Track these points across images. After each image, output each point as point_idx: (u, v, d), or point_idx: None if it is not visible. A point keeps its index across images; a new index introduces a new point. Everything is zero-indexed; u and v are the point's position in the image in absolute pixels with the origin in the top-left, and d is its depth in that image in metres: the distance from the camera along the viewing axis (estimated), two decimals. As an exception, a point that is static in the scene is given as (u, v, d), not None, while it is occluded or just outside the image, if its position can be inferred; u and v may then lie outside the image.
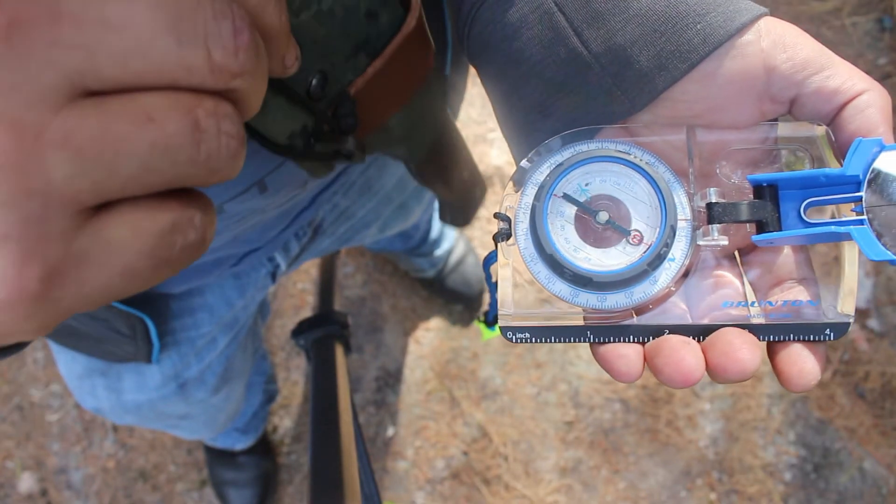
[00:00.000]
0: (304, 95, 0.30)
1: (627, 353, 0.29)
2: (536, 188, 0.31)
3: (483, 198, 0.51)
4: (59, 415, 1.42)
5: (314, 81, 0.31)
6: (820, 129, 0.29)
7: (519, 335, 0.31)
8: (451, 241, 1.38)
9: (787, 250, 0.30)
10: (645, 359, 0.29)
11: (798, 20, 1.55)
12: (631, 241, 0.30)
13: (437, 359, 1.42)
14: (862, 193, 0.27)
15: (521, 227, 0.31)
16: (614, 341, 0.29)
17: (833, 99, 0.28)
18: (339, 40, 0.31)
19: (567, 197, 0.31)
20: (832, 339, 0.28)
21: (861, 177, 0.27)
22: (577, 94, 0.31)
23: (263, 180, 0.43)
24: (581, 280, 0.29)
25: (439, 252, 1.36)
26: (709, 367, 0.28)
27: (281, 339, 1.45)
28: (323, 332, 0.83)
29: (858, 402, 1.36)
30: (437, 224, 1.30)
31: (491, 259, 0.33)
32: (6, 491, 1.37)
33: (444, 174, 0.44)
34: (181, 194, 0.20)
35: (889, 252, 0.26)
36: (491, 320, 0.52)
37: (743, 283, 0.31)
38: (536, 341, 0.31)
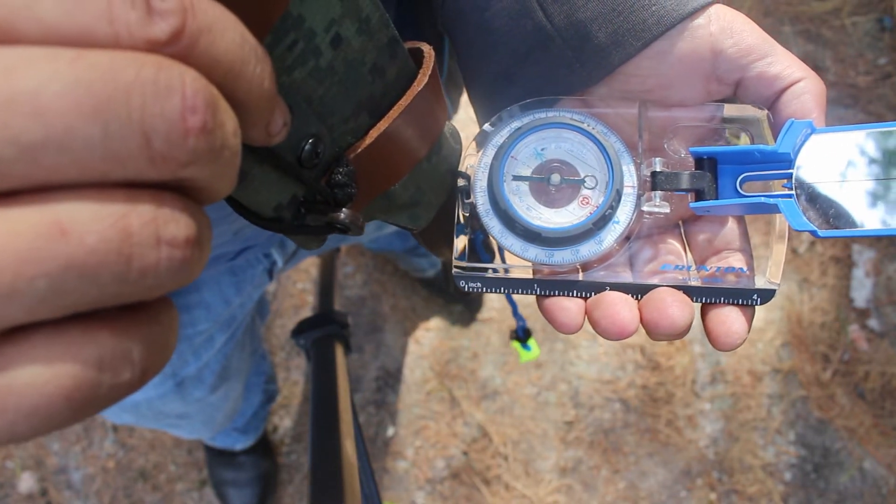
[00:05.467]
0: (294, 163, 0.27)
1: (569, 307, 0.31)
2: (496, 149, 0.33)
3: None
4: (58, 415, 1.42)
5: (307, 147, 0.27)
6: (761, 113, 0.32)
7: (471, 284, 0.33)
8: (451, 242, 1.38)
9: (727, 224, 0.33)
10: (586, 313, 0.31)
11: (798, 20, 1.55)
12: (581, 203, 0.33)
13: (437, 359, 1.42)
14: (792, 171, 0.30)
15: (480, 185, 0.33)
16: (559, 295, 0.32)
17: (773, 84, 0.31)
18: (339, 100, 0.28)
19: (517, 177, 0.33)
20: (759, 303, 0.31)
21: (792, 155, 0.30)
22: (539, 65, 0.33)
23: None
24: (531, 235, 0.32)
25: (439, 252, 1.35)
26: (643, 323, 0.30)
27: (281, 339, 1.45)
28: (323, 332, 0.82)
29: (858, 402, 1.36)
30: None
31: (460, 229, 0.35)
32: (6, 491, 1.37)
33: (451, 238, 0.40)
34: (120, 318, 0.16)
35: (811, 224, 0.29)
36: (523, 336, 0.51)
37: (685, 251, 0.33)
38: (487, 290, 0.33)
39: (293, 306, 1.47)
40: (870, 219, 0.28)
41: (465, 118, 1.56)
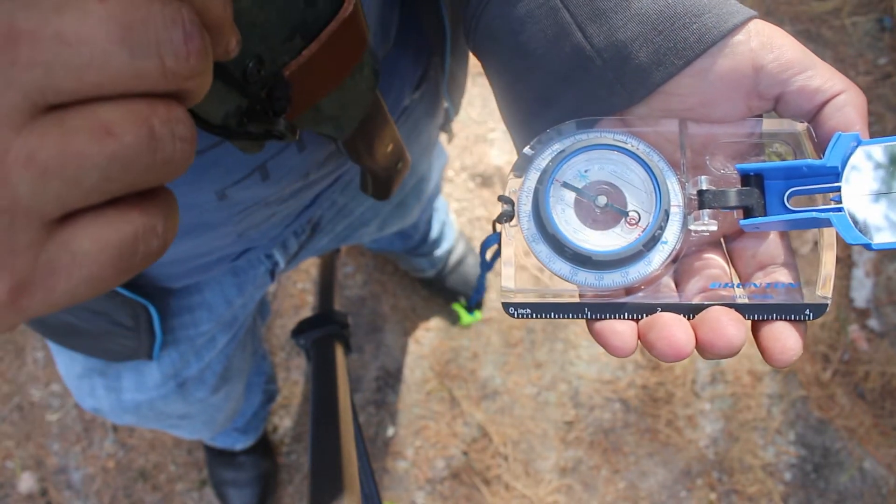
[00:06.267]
0: (240, 78, 0.31)
1: (622, 330, 0.31)
2: (539, 173, 0.32)
3: (405, 171, 0.53)
4: (59, 415, 1.42)
5: (251, 65, 0.31)
6: (801, 126, 0.31)
7: (521, 311, 0.32)
8: (450, 242, 1.39)
9: (769, 237, 0.32)
10: (638, 335, 0.31)
11: (798, 20, 1.55)
12: (628, 224, 0.32)
13: (437, 359, 1.42)
14: (840, 184, 0.29)
15: (524, 210, 0.33)
16: (610, 318, 0.31)
17: (814, 97, 0.30)
18: (278, 24, 0.32)
19: (566, 185, 0.32)
20: (811, 318, 0.30)
21: (839, 168, 0.29)
22: (579, 86, 0.33)
23: (265, 165, 0.44)
24: (580, 259, 0.31)
25: (439, 252, 1.36)
26: (698, 343, 0.30)
27: (281, 339, 1.45)
28: (323, 332, 0.82)
29: (858, 402, 1.36)
30: (436, 224, 1.30)
31: (489, 242, 0.35)
32: (6, 491, 1.37)
33: (371, 148, 0.46)
34: (143, 201, 0.20)
35: (864, 237, 0.28)
36: (473, 305, 0.52)
37: (729, 267, 0.33)
38: (536, 317, 0.32)
39: (293, 306, 1.47)
40: None
41: (465, 118, 1.56)
